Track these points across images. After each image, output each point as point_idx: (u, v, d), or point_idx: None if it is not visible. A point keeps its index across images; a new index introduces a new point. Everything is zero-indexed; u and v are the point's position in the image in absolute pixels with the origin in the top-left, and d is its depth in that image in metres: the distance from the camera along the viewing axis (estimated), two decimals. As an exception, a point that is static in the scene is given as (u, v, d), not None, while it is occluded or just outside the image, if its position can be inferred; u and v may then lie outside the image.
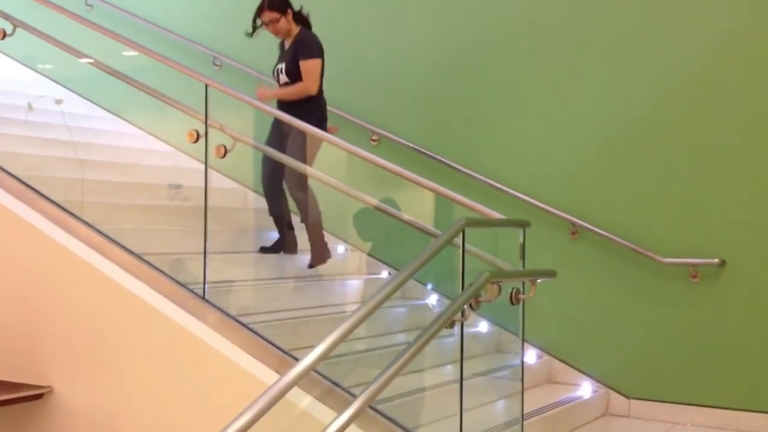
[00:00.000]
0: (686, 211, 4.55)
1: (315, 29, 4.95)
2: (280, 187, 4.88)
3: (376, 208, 4.46)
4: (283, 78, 4.83)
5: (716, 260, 4.42)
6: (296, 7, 4.87)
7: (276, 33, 4.87)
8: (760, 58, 4.37)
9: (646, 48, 4.69)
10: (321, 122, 4.74)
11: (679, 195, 4.57)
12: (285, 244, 4.93)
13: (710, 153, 4.49)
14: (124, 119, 6.62)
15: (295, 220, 5.00)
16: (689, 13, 4.57)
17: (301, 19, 4.91)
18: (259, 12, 4.84)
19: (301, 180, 4.78)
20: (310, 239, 4.85)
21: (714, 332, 4.45)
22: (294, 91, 4.74)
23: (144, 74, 4.33)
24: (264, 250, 4.92)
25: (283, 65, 4.83)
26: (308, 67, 4.73)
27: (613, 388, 4.74)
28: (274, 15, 4.79)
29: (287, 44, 4.91)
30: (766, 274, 4.33)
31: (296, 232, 4.99)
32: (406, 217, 4.45)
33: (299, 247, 4.98)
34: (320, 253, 4.85)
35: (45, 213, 4.03)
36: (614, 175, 4.78)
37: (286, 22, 4.82)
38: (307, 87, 4.73)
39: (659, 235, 4.60)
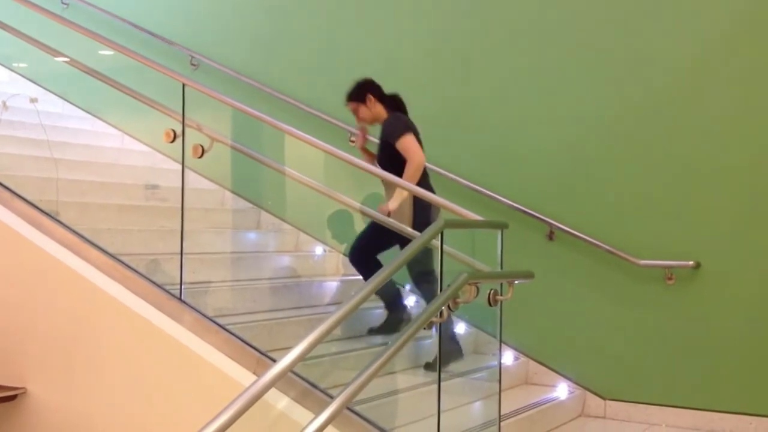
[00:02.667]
0: (662, 213, 4.58)
1: (297, 36, 4.87)
2: (371, 259, 4.54)
3: (360, 211, 4.42)
4: (378, 169, 4.43)
5: (691, 263, 4.46)
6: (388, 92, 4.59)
7: (361, 121, 4.64)
8: (738, 62, 4.42)
9: (624, 52, 4.72)
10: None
11: (655, 198, 4.61)
12: (396, 323, 4.57)
13: (686, 156, 4.53)
14: (101, 118, 6.57)
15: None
16: (667, 17, 4.61)
17: (392, 103, 4.62)
18: (346, 102, 4.64)
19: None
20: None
21: (689, 334, 4.49)
22: (411, 176, 4.30)
23: (121, 73, 4.30)
24: (372, 332, 4.55)
25: (376, 158, 4.59)
26: (404, 145, 4.38)
27: (589, 389, 4.77)
28: (354, 105, 4.61)
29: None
30: (740, 276, 4.37)
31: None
32: (385, 217, 4.44)
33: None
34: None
35: (19, 213, 3.99)
36: (591, 177, 4.81)
37: (367, 110, 4.58)
38: (416, 162, 4.33)
39: (635, 238, 4.63)
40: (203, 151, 3.85)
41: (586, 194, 4.82)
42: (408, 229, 4.27)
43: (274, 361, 2.74)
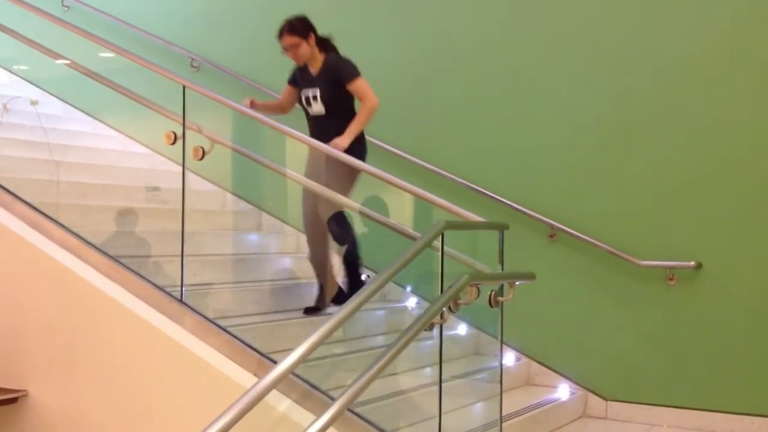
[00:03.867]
0: (663, 214, 4.58)
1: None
2: (323, 227, 4.51)
3: (360, 213, 4.42)
4: (318, 106, 4.52)
5: (692, 263, 4.46)
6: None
7: (296, 59, 4.56)
8: (740, 62, 4.42)
9: (625, 52, 4.72)
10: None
11: (656, 198, 4.60)
12: (328, 295, 4.54)
13: (688, 157, 4.53)
14: (101, 121, 6.57)
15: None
16: (661, 17, 4.60)
17: (326, 44, 4.62)
18: (279, 35, 4.51)
19: (340, 214, 4.49)
20: (348, 275, 4.53)
21: (691, 334, 4.48)
22: (367, 115, 4.45)
23: (121, 76, 4.30)
24: (310, 311, 4.46)
25: (317, 91, 4.51)
26: (361, 86, 4.46)
27: (590, 390, 4.76)
28: (295, 39, 4.48)
29: (313, 69, 4.58)
30: (741, 276, 4.37)
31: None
32: (385, 218, 4.44)
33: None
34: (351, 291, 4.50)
35: (20, 215, 3.99)
36: (592, 178, 4.80)
37: (308, 47, 4.51)
38: (373, 103, 4.44)
39: (636, 238, 4.63)
40: (204, 153, 3.85)
41: (587, 195, 4.81)
42: (409, 230, 4.28)
43: (275, 362, 2.74)
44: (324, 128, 4.47)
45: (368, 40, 5.63)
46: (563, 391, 4.72)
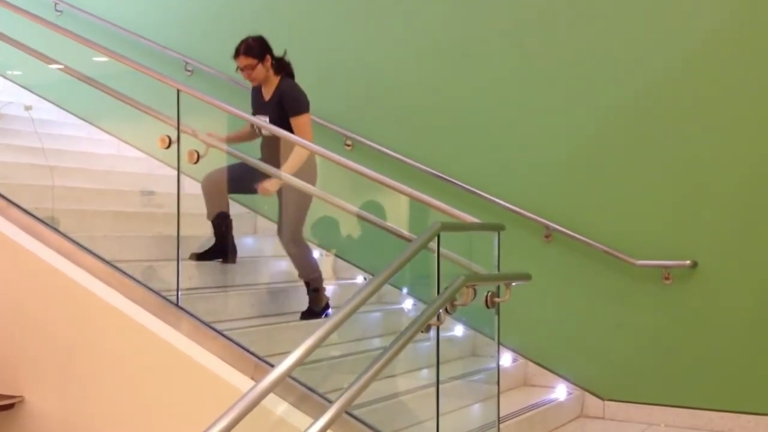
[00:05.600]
0: (659, 213, 4.59)
1: (290, 37, 4.88)
2: (225, 192, 4.61)
3: (358, 215, 4.41)
4: (266, 132, 4.47)
5: (688, 262, 4.47)
6: (279, 53, 4.52)
7: (251, 80, 4.50)
8: (735, 62, 4.43)
9: (620, 53, 4.73)
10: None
11: (651, 197, 4.61)
12: (224, 251, 4.57)
13: (682, 156, 4.54)
14: (96, 125, 6.56)
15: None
16: (659, 18, 4.61)
17: (283, 66, 4.52)
18: (235, 55, 4.44)
19: (296, 235, 4.47)
20: (309, 295, 4.48)
21: (687, 333, 4.49)
22: (299, 161, 4.34)
23: (115, 80, 4.30)
24: (196, 256, 4.48)
25: (266, 118, 4.46)
26: (302, 123, 4.40)
27: (588, 390, 4.77)
28: (251, 61, 4.40)
29: (266, 93, 4.53)
30: (737, 275, 4.38)
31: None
32: (380, 221, 4.44)
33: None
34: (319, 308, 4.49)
35: (15, 221, 3.98)
36: (587, 178, 4.81)
37: (263, 69, 4.43)
38: (305, 148, 4.33)
39: (632, 238, 4.63)
40: (199, 157, 3.84)
41: (582, 195, 4.82)
42: (404, 232, 4.29)
43: (272, 366, 2.73)
44: (273, 152, 4.47)
45: (363, 41, 5.63)
46: (560, 391, 4.72)
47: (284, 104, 4.43)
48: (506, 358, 4.84)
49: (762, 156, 4.33)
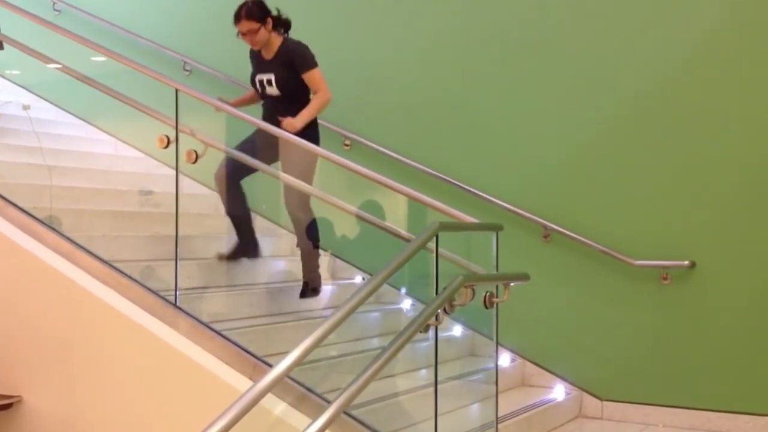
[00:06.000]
0: (657, 213, 4.59)
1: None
2: (239, 183, 4.60)
3: (357, 215, 4.41)
4: (273, 90, 4.49)
5: (686, 262, 4.47)
6: (274, 12, 4.51)
7: (254, 44, 4.48)
8: (727, 63, 4.43)
9: (618, 54, 4.73)
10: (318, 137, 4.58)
11: (649, 198, 4.61)
12: (247, 249, 4.64)
13: (680, 156, 4.54)
14: (94, 125, 6.55)
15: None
16: (656, 19, 4.62)
17: (282, 24, 4.53)
18: (236, 20, 4.42)
19: (303, 198, 4.48)
20: (305, 266, 4.52)
21: (685, 333, 4.49)
22: (320, 105, 4.46)
23: (114, 80, 4.29)
24: (223, 257, 4.57)
25: (271, 77, 4.47)
26: (317, 76, 4.45)
27: (586, 390, 4.77)
28: (253, 25, 4.39)
29: (267, 54, 4.53)
30: (735, 275, 4.38)
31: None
32: (379, 221, 4.44)
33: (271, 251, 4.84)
34: (314, 284, 4.53)
35: (13, 220, 3.98)
36: (585, 178, 4.81)
37: (266, 32, 4.43)
38: (327, 95, 4.47)
39: (630, 238, 4.63)
40: (197, 157, 3.84)
41: (580, 195, 4.82)
42: (403, 232, 4.28)
43: (270, 366, 2.73)
44: (278, 111, 4.46)
45: (362, 41, 5.63)
46: (558, 391, 4.72)
47: (294, 62, 4.45)
48: (504, 359, 4.84)
49: (760, 157, 4.33)
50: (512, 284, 3.49)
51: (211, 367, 3.40)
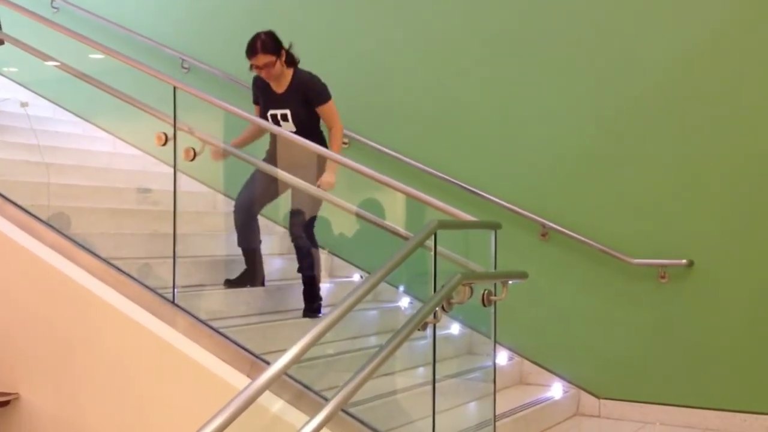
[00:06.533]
0: (655, 212, 4.59)
1: (286, 35, 4.86)
2: (256, 217, 4.60)
3: (357, 214, 4.40)
4: (289, 126, 4.42)
5: (684, 261, 4.47)
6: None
7: (269, 78, 4.39)
8: (725, 63, 4.43)
9: (616, 52, 4.73)
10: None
11: (647, 197, 4.62)
12: (254, 278, 4.56)
13: (679, 155, 4.54)
14: (92, 123, 6.55)
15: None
16: (653, 18, 4.62)
17: (291, 58, 4.45)
18: (251, 54, 4.31)
19: (310, 226, 4.46)
20: (307, 292, 4.45)
21: (682, 332, 4.50)
22: (339, 143, 4.48)
23: (112, 77, 4.29)
24: (229, 283, 4.50)
25: (287, 112, 4.41)
26: (333, 109, 4.44)
27: (583, 389, 4.77)
28: (270, 58, 4.29)
29: (278, 86, 4.46)
30: (733, 274, 4.38)
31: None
32: (377, 219, 4.44)
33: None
34: (317, 307, 4.46)
35: (10, 217, 3.97)
36: (584, 177, 4.81)
37: (280, 65, 4.35)
38: (341, 129, 4.49)
39: (628, 237, 4.64)
40: (195, 154, 3.84)
41: (579, 194, 4.82)
42: (401, 230, 4.28)
43: (268, 363, 2.74)
44: (294, 147, 4.35)
45: (360, 41, 5.63)
46: (556, 389, 4.73)
47: (309, 95, 4.40)
48: (502, 357, 4.85)
49: (758, 156, 4.33)
50: (510, 282, 3.49)
51: (208, 365, 3.40)
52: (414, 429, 3.63)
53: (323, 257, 5.35)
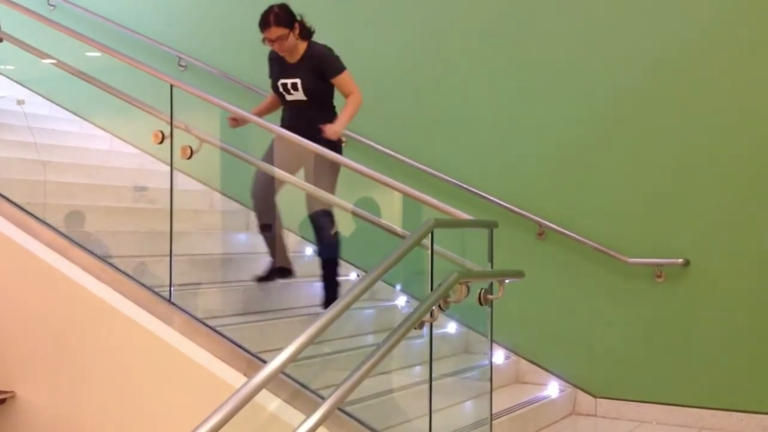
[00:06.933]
0: (651, 211, 4.60)
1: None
2: (273, 199, 4.49)
3: (353, 213, 4.39)
4: (298, 94, 4.40)
5: (680, 260, 4.48)
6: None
7: (282, 50, 4.35)
8: (722, 60, 4.44)
9: (611, 51, 4.74)
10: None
11: (644, 196, 4.62)
12: (282, 269, 4.49)
13: (675, 154, 4.54)
14: (88, 120, 6.54)
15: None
16: (650, 14, 4.62)
17: (306, 31, 4.44)
18: (264, 27, 4.27)
19: (329, 205, 4.41)
20: (326, 279, 4.40)
21: (679, 331, 4.50)
22: (356, 108, 4.40)
23: (108, 75, 4.28)
24: (261, 279, 4.44)
25: (297, 81, 4.37)
26: (347, 79, 4.40)
27: (580, 388, 4.78)
28: (283, 31, 4.26)
29: (291, 58, 4.42)
30: (729, 273, 4.39)
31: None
32: (374, 217, 4.44)
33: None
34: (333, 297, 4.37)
35: (7, 216, 3.96)
36: (580, 176, 4.81)
37: (294, 38, 4.32)
38: (360, 97, 4.41)
39: (624, 236, 4.64)
40: (192, 152, 3.83)
41: (575, 193, 4.83)
42: (398, 229, 4.28)
43: (264, 362, 2.74)
44: (304, 117, 4.38)
45: (358, 38, 5.62)
46: (552, 388, 4.73)
47: (322, 67, 4.38)
48: (499, 356, 4.85)
49: (754, 155, 4.34)
50: (507, 281, 3.49)
51: (205, 363, 3.40)
52: (411, 428, 3.64)
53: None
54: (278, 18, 4.27)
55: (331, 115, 4.44)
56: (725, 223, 4.40)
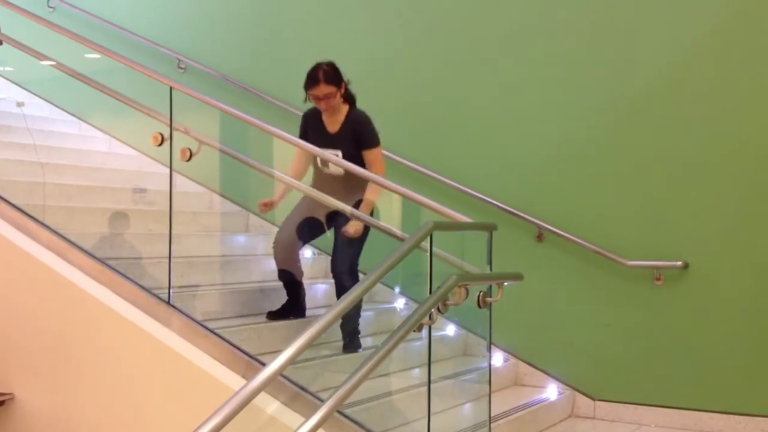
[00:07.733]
0: (650, 214, 4.60)
1: (283, 34, 4.84)
2: (297, 253, 4.40)
3: (351, 214, 4.38)
4: (337, 169, 4.23)
5: (680, 263, 4.48)
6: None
7: (328, 109, 4.22)
8: (722, 64, 4.44)
9: (610, 53, 4.74)
10: None
11: (643, 198, 4.62)
12: (296, 310, 4.37)
13: (674, 157, 4.55)
14: (87, 122, 6.54)
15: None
16: (650, 18, 4.62)
17: (349, 94, 4.31)
18: (313, 84, 4.14)
19: (354, 265, 4.28)
20: (345, 328, 4.22)
21: (678, 334, 4.50)
22: (377, 195, 4.20)
23: (108, 77, 4.28)
24: (272, 315, 4.28)
25: (338, 153, 4.19)
26: (379, 156, 4.27)
27: (578, 390, 4.78)
28: (331, 89, 4.13)
29: (331, 124, 4.29)
30: (728, 276, 4.39)
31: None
32: (373, 220, 4.43)
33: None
34: (356, 343, 4.23)
35: (5, 217, 3.96)
36: (580, 178, 4.82)
37: (340, 97, 4.19)
38: (383, 179, 4.13)
39: (624, 238, 4.64)
40: (191, 155, 3.83)
41: (574, 195, 4.83)
42: (397, 232, 4.27)
43: (263, 364, 2.73)
44: (340, 188, 4.24)
45: (357, 40, 5.63)
46: (551, 391, 4.73)
47: (362, 137, 4.25)
48: (498, 358, 4.85)
49: (754, 158, 4.34)
50: (506, 284, 3.49)
51: (204, 366, 3.40)
52: (409, 430, 3.63)
53: (322, 259, 5.35)
54: (327, 75, 4.15)
55: (364, 185, 4.25)
56: (724, 226, 4.41)
